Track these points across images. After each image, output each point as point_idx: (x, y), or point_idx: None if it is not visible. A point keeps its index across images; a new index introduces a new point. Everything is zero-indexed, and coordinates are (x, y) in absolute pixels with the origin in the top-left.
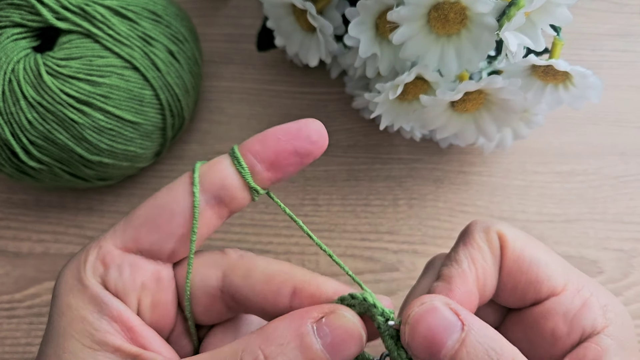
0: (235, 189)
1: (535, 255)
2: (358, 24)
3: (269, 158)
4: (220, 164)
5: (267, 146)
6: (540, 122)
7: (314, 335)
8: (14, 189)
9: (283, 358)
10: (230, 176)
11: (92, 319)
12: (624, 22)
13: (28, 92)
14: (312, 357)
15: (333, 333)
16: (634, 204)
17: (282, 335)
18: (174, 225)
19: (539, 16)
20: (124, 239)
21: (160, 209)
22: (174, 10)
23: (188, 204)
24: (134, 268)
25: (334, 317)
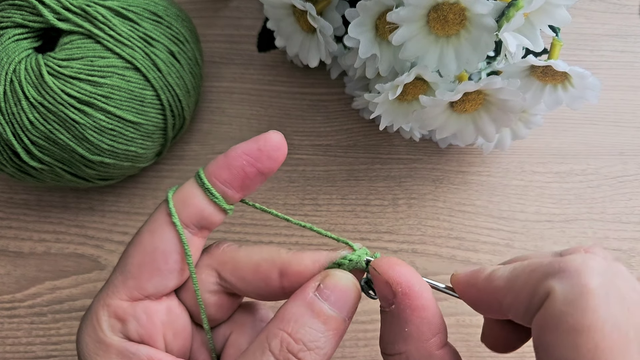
0: (213, 216)
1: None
2: (358, 24)
3: (237, 184)
4: (194, 197)
5: (234, 174)
6: (539, 123)
7: (320, 301)
8: (16, 188)
9: (304, 329)
10: (207, 207)
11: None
12: (623, 23)
13: (29, 93)
14: (326, 318)
15: (334, 292)
16: (633, 203)
17: (295, 311)
18: (170, 263)
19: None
20: (129, 291)
21: (153, 254)
22: (174, 11)
23: (176, 241)
24: (149, 313)
25: (329, 279)
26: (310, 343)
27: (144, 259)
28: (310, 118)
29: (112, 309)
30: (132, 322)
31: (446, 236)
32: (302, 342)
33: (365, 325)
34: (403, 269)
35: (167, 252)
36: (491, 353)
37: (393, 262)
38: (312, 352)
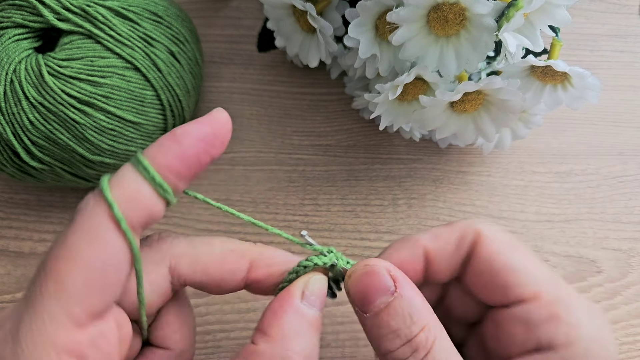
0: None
1: (509, 261)
2: (358, 25)
3: (191, 175)
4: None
5: (190, 165)
6: (539, 123)
7: (309, 308)
8: (16, 188)
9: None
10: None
11: None
12: (623, 23)
13: (30, 93)
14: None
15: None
16: (633, 203)
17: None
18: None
19: (537, 17)
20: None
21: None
22: (174, 11)
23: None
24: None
25: (312, 285)
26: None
27: (90, 277)
28: (310, 118)
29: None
30: (92, 353)
31: None
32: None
33: None
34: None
35: (119, 264)
36: None
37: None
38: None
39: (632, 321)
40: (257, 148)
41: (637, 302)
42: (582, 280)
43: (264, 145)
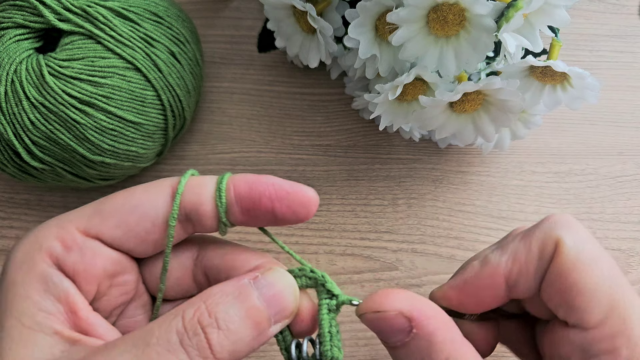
0: (206, 218)
1: (581, 281)
2: (358, 25)
3: (247, 206)
4: (203, 188)
5: (252, 195)
6: (538, 123)
7: (251, 287)
8: (17, 188)
9: (222, 306)
10: (206, 205)
11: (36, 297)
12: (622, 23)
13: (30, 93)
14: (250, 307)
15: (269, 286)
16: (632, 203)
17: (222, 289)
18: (140, 228)
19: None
20: (89, 225)
21: (134, 209)
22: (175, 11)
23: (162, 212)
24: (95, 253)
25: (271, 272)
26: (222, 322)
27: (123, 208)
28: (310, 118)
29: (63, 232)
30: (75, 253)
31: (446, 236)
32: (214, 317)
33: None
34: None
35: (146, 216)
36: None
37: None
38: (221, 332)
39: None
40: (257, 148)
41: None
42: None
43: (264, 145)
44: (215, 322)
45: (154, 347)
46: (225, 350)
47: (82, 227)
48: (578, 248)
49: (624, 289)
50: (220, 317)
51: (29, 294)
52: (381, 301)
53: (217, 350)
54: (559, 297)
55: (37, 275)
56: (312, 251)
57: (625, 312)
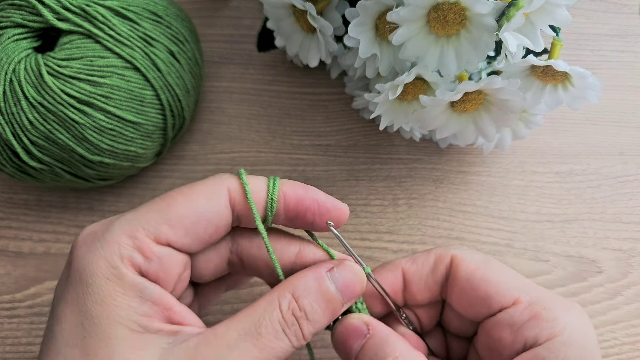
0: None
1: (486, 275)
2: (358, 24)
3: (292, 216)
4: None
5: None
6: (539, 122)
7: (329, 280)
8: (15, 188)
9: (309, 300)
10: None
11: (135, 305)
12: (623, 23)
13: (29, 93)
14: (329, 297)
15: (343, 277)
16: (633, 203)
17: (306, 282)
18: (207, 234)
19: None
20: (158, 234)
21: (199, 216)
22: (174, 10)
23: (224, 217)
24: (171, 260)
25: (342, 266)
26: (310, 314)
27: (189, 215)
28: (310, 118)
29: (139, 242)
30: (155, 263)
31: (446, 236)
32: (304, 311)
33: None
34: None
35: (211, 222)
36: None
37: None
38: (309, 322)
39: (633, 321)
40: (257, 148)
41: (638, 302)
42: (582, 280)
43: (264, 145)
44: (305, 315)
45: (265, 336)
46: (312, 334)
47: (153, 235)
48: (471, 256)
49: (519, 275)
50: (308, 310)
51: (129, 303)
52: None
53: (307, 336)
54: (474, 294)
55: (130, 285)
56: None
57: (531, 285)
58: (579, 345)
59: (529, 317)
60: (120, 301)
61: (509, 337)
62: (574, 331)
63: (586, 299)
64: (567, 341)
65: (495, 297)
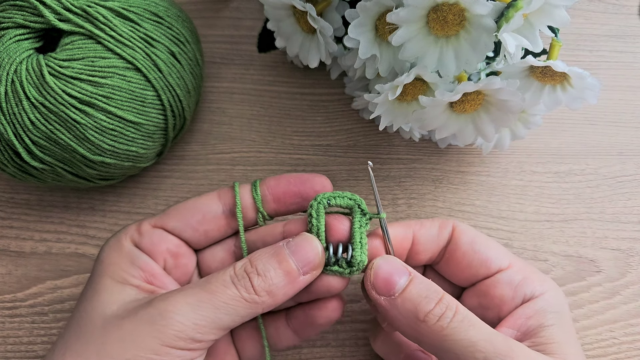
0: (246, 209)
1: (484, 242)
2: (358, 25)
3: (277, 193)
4: (242, 189)
5: (279, 184)
6: (538, 123)
7: (284, 247)
8: (17, 188)
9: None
10: (245, 198)
11: (125, 266)
12: (622, 24)
13: (30, 93)
14: (281, 259)
15: (297, 244)
16: (632, 203)
17: (264, 250)
18: (194, 220)
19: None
20: (156, 221)
21: (191, 208)
22: (175, 11)
23: (212, 208)
24: (161, 237)
25: (300, 236)
26: (260, 270)
27: (182, 207)
28: (310, 118)
29: (139, 226)
30: (147, 237)
31: None
32: (254, 267)
33: (365, 325)
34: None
35: (199, 210)
36: None
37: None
38: (259, 277)
39: (631, 320)
40: (257, 148)
41: (636, 302)
42: (581, 279)
43: (264, 145)
44: (256, 270)
45: (213, 284)
46: (263, 290)
47: (152, 223)
48: (469, 227)
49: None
50: (259, 267)
51: (119, 263)
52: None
53: (257, 289)
54: (475, 257)
55: (125, 252)
56: None
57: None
58: (564, 300)
59: (522, 278)
60: (114, 261)
61: (510, 293)
62: (557, 290)
63: (585, 298)
64: (555, 296)
65: (494, 260)
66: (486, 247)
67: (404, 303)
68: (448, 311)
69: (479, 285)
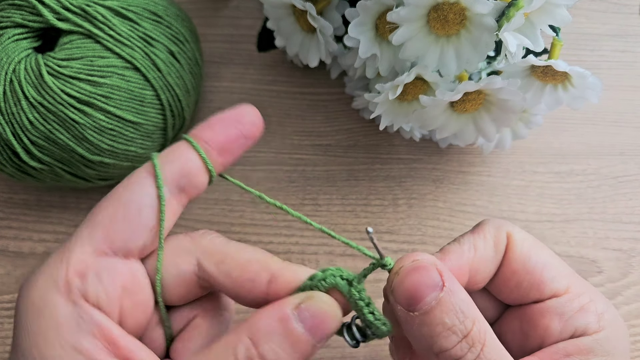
0: (194, 175)
1: (541, 258)
2: (358, 24)
3: (220, 142)
4: (178, 150)
5: (216, 132)
6: (539, 122)
7: (295, 320)
8: (15, 188)
9: (270, 345)
10: (190, 161)
11: (71, 339)
12: (623, 23)
13: (29, 93)
14: (296, 340)
15: (313, 315)
16: (633, 203)
17: (267, 323)
18: (143, 218)
19: (538, 17)
20: (95, 243)
21: (127, 205)
22: (174, 10)
23: (153, 197)
24: (111, 273)
25: (312, 301)
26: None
27: (116, 209)
28: (310, 118)
29: (73, 262)
30: (92, 278)
31: (447, 236)
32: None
33: None
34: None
35: (142, 205)
36: None
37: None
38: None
39: (633, 321)
40: (257, 148)
41: (638, 302)
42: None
43: (264, 145)
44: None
45: None
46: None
47: (90, 248)
48: (526, 237)
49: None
50: (269, 357)
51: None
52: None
53: None
54: (527, 277)
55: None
56: (312, 252)
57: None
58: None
59: (578, 308)
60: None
61: (558, 325)
62: (618, 328)
63: None
64: (611, 336)
65: (549, 283)
66: (542, 266)
67: (421, 327)
68: (470, 354)
69: (526, 309)
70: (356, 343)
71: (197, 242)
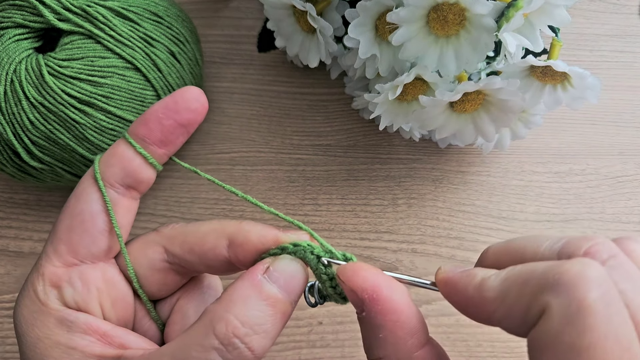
0: (139, 171)
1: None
2: (358, 25)
3: (157, 137)
4: (117, 153)
5: (151, 128)
6: (538, 123)
7: (267, 282)
8: (16, 188)
9: (250, 311)
10: (131, 160)
11: (64, 340)
12: (622, 23)
13: (30, 93)
14: (274, 301)
15: (282, 274)
16: (632, 203)
17: (242, 293)
18: (99, 224)
19: (537, 17)
20: (61, 257)
21: (80, 216)
22: (175, 11)
23: (102, 202)
24: (83, 278)
25: (278, 262)
26: (257, 327)
27: (71, 222)
28: (310, 118)
29: (47, 276)
30: (67, 288)
31: (446, 236)
32: (249, 326)
33: None
34: (368, 273)
35: (94, 213)
36: (490, 353)
37: (357, 268)
38: (259, 336)
39: None
40: (257, 148)
41: None
42: None
43: (264, 145)
44: (251, 329)
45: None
46: (267, 346)
47: (58, 262)
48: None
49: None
50: (253, 322)
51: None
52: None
53: (258, 352)
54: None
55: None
56: None
57: None
58: None
59: None
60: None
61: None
62: None
63: None
64: None
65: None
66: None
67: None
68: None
69: None
70: (314, 304)
71: (162, 233)
